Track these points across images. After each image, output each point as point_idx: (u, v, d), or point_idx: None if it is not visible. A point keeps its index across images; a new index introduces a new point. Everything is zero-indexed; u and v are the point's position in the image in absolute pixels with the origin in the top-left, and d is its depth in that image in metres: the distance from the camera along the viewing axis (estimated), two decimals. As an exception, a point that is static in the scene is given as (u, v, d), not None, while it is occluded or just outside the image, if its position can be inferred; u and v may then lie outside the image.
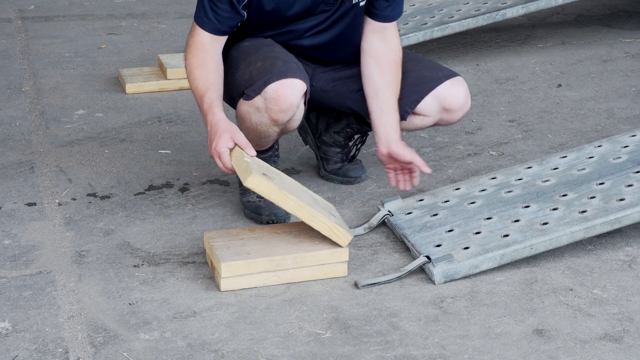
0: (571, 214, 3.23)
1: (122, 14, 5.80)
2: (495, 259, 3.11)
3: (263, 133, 3.30)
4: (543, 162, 3.58)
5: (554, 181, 3.43)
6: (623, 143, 3.59)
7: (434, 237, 3.23)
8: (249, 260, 3.02)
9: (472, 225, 3.26)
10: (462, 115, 3.48)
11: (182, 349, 2.77)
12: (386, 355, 2.75)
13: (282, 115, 3.22)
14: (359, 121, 3.66)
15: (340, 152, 3.74)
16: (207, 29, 3.25)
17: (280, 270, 3.05)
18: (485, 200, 3.39)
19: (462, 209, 3.36)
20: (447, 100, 3.43)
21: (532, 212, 3.27)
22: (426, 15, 5.09)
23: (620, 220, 3.18)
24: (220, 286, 3.02)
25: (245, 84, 3.25)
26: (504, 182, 3.49)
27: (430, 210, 3.38)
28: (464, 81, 3.48)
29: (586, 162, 3.51)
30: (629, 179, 3.35)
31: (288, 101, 3.19)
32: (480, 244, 3.16)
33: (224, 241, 3.10)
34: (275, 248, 3.08)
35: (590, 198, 3.29)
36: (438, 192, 3.48)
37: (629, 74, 4.90)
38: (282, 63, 3.24)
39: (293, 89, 3.19)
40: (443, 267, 3.08)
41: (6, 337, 2.80)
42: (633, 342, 2.80)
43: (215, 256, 3.03)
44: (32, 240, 3.32)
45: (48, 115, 4.35)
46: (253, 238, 3.13)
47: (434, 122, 3.50)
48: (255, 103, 3.23)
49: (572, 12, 5.84)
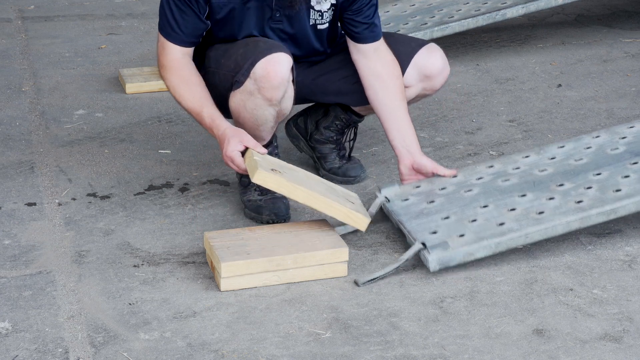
0: (567, 204, 3.23)
1: (122, 14, 5.81)
2: (490, 247, 3.12)
3: (260, 118, 3.30)
4: (541, 151, 3.58)
5: (551, 171, 3.44)
6: (621, 134, 3.59)
7: (430, 224, 3.23)
8: (249, 260, 3.02)
9: (468, 213, 3.26)
10: (443, 80, 3.54)
11: (182, 349, 2.77)
12: (386, 355, 2.75)
13: (275, 93, 3.23)
14: (346, 111, 3.69)
15: (335, 148, 3.76)
16: (176, 41, 3.32)
17: (280, 270, 3.05)
18: (482, 189, 3.39)
19: (459, 196, 3.36)
20: (426, 67, 3.50)
21: (529, 201, 3.28)
22: (426, 15, 5.09)
23: (616, 211, 3.19)
24: (220, 286, 3.02)
25: (231, 73, 3.28)
26: (501, 171, 3.49)
27: (426, 197, 3.38)
28: (439, 47, 3.55)
29: (584, 153, 3.51)
30: (626, 170, 3.35)
31: (278, 76, 3.21)
32: (476, 232, 3.16)
33: (224, 241, 3.10)
34: (275, 248, 3.08)
35: (586, 188, 3.29)
36: (435, 180, 3.48)
37: (629, 74, 4.90)
38: (264, 43, 3.29)
39: (280, 64, 3.22)
40: (438, 254, 3.08)
41: (6, 337, 2.80)
42: (633, 342, 2.80)
43: (215, 256, 3.03)
44: (32, 240, 3.32)
45: (48, 115, 4.35)
46: (253, 238, 3.13)
47: (417, 92, 3.55)
48: (247, 87, 3.24)
49: (572, 12, 5.84)
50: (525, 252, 3.26)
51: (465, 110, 4.45)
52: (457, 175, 3.47)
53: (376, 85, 3.45)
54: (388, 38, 3.54)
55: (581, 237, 3.35)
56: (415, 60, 3.50)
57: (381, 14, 5.17)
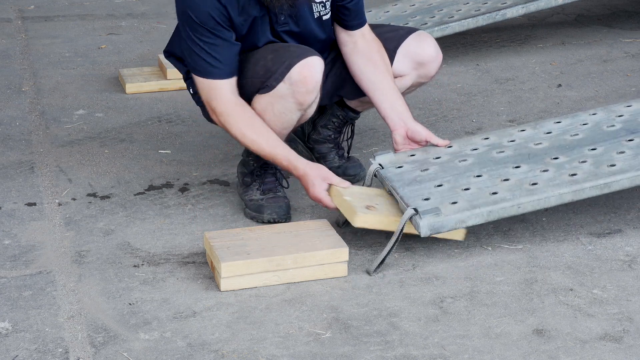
0: (561, 176, 3.23)
1: (122, 14, 5.81)
2: (482, 215, 3.12)
3: (286, 122, 3.31)
4: (537, 126, 3.58)
5: (546, 144, 3.44)
6: (618, 112, 3.59)
7: (423, 191, 3.23)
8: (249, 260, 3.02)
9: (462, 181, 3.27)
10: (437, 66, 3.55)
11: (182, 349, 2.77)
12: (386, 355, 2.75)
13: (309, 96, 3.25)
14: (342, 107, 3.71)
15: (333, 147, 3.76)
16: (221, 76, 3.24)
17: (280, 270, 3.05)
18: (477, 159, 3.39)
19: (453, 165, 3.36)
20: (418, 54, 3.52)
21: (522, 173, 3.28)
22: (426, 15, 5.09)
23: (609, 185, 3.19)
24: (220, 286, 3.02)
25: (261, 79, 3.27)
26: (496, 143, 3.49)
27: (421, 165, 3.38)
28: (428, 34, 3.57)
29: (580, 129, 3.52)
30: (621, 147, 3.35)
31: (314, 79, 3.23)
32: (469, 200, 3.16)
33: (224, 241, 3.10)
34: (275, 248, 3.08)
35: (581, 162, 3.29)
36: (430, 149, 3.48)
37: (629, 74, 4.90)
38: (296, 47, 3.30)
39: (316, 67, 3.23)
40: (430, 220, 3.08)
41: (6, 337, 2.80)
42: (633, 342, 2.80)
43: (215, 256, 3.03)
44: (32, 240, 3.32)
45: (48, 115, 4.35)
46: (253, 238, 3.13)
47: (412, 81, 3.57)
48: (279, 91, 3.24)
49: (572, 12, 5.84)
50: (525, 252, 3.26)
51: (465, 110, 4.45)
52: (451, 145, 3.47)
53: (360, 62, 3.47)
54: (376, 28, 3.57)
55: (581, 237, 3.35)
56: (407, 49, 3.52)
57: (381, 14, 5.17)
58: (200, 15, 3.18)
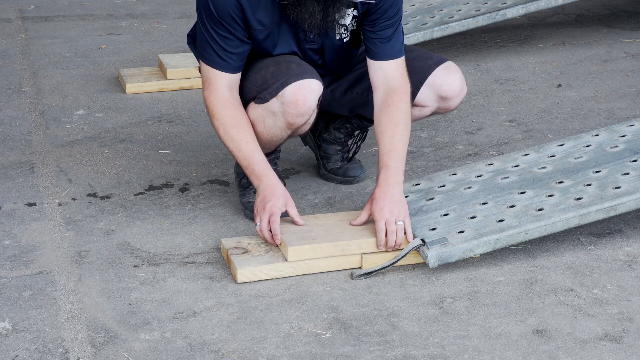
0: (567, 201, 3.23)
1: (122, 14, 5.81)
2: (489, 244, 3.12)
3: (274, 137, 3.30)
4: (540, 149, 3.58)
5: (550, 168, 3.44)
6: (621, 132, 3.60)
7: (429, 221, 3.23)
8: (315, 245, 3.10)
9: (468, 209, 3.26)
10: (460, 101, 3.48)
11: (182, 349, 2.77)
12: (386, 355, 2.75)
13: (299, 119, 3.23)
14: (358, 117, 3.67)
15: (341, 150, 3.75)
16: (226, 69, 3.23)
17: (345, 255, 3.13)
18: (481, 186, 3.39)
19: (458, 193, 3.36)
20: (443, 88, 3.43)
21: (528, 198, 3.28)
22: (426, 15, 5.09)
23: (615, 208, 3.19)
24: (237, 278, 3.06)
25: (257, 88, 3.26)
26: (500, 169, 3.49)
27: (426, 195, 3.38)
28: (456, 66, 3.46)
29: (583, 151, 3.52)
30: (625, 168, 3.35)
31: (306, 104, 3.20)
32: (475, 229, 3.16)
33: (289, 227, 3.17)
34: (340, 234, 3.16)
35: (586, 185, 3.29)
36: (434, 177, 3.49)
37: (629, 74, 4.90)
38: (297, 66, 3.25)
39: (311, 92, 3.20)
40: (437, 250, 3.08)
41: (6, 337, 2.80)
42: (633, 342, 2.80)
43: (283, 241, 3.11)
44: (32, 240, 3.32)
45: (48, 115, 4.35)
46: (318, 225, 3.21)
47: (432, 111, 3.51)
48: (271, 106, 3.23)
49: (572, 12, 5.84)
50: (525, 252, 3.26)
51: (465, 110, 4.45)
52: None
53: (381, 118, 3.29)
54: (405, 52, 3.40)
55: (581, 237, 3.35)
56: (433, 80, 3.41)
57: (381, 14, 5.16)
58: (220, 12, 3.19)
